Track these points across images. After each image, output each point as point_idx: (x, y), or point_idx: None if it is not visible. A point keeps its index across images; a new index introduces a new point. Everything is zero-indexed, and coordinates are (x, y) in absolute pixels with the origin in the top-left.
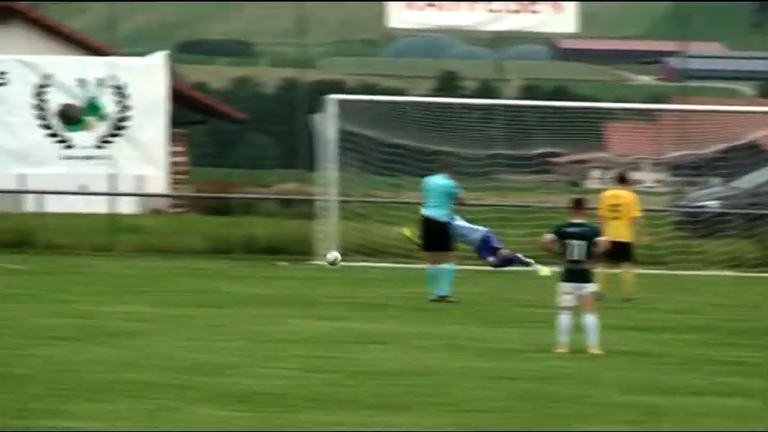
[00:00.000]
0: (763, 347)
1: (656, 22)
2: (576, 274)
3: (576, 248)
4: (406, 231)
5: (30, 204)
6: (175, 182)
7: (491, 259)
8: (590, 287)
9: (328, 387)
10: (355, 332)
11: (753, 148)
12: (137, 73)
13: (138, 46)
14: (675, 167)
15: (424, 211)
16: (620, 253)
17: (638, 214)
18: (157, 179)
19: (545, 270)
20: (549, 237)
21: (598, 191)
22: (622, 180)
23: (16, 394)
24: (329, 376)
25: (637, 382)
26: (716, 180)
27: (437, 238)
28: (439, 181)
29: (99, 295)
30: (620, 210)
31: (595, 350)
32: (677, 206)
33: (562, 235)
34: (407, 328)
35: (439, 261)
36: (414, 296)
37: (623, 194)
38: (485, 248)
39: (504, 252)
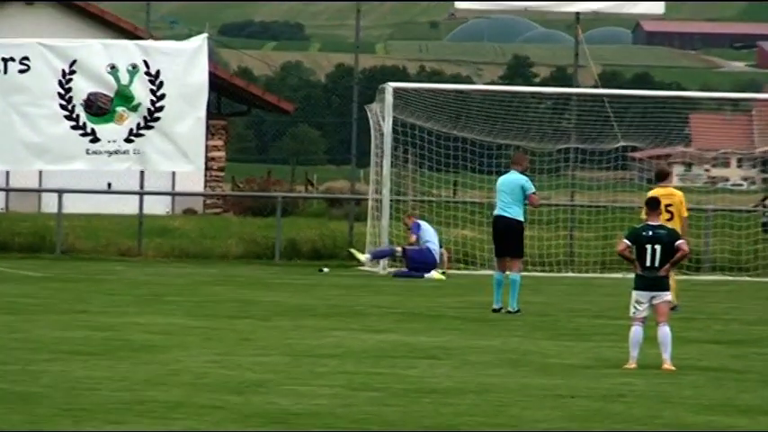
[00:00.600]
0: None
1: (751, 3)
2: (651, 281)
3: (651, 253)
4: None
5: (50, 204)
6: (212, 179)
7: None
8: (665, 296)
9: (373, 407)
10: (405, 346)
11: None
12: (173, 58)
13: (176, 28)
14: (767, 163)
15: (497, 212)
16: None
17: (686, 214)
18: (193, 176)
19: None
20: (625, 243)
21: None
22: (665, 176)
23: (27, 415)
24: (374, 395)
25: (713, 401)
26: None
27: (510, 240)
28: (512, 177)
29: (121, 305)
30: (672, 209)
31: (668, 365)
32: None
33: (637, 239)
34: (463, 342)
35: (506, 267)
36: (471, 305)
37: (675, 193)
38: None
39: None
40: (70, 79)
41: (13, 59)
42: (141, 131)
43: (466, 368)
